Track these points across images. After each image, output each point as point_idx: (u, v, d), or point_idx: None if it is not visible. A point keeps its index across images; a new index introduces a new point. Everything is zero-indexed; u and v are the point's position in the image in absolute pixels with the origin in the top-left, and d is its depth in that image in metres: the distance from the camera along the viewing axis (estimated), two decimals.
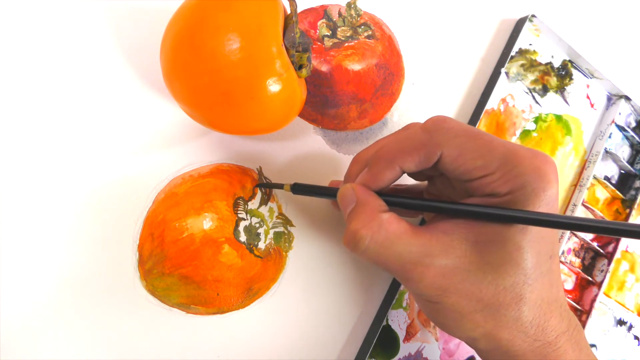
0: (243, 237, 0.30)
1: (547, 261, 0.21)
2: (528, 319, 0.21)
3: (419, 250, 0.21)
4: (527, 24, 0.36)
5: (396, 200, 0.23)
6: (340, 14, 0.33)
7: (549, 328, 0.21)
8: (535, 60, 0.37)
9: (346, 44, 0.33)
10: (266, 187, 0.30)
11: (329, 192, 0.26)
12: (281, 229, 0.31)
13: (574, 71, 0.38)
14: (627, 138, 0.39)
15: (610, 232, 0.19)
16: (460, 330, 0.22)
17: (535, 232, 0.21)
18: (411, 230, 0.22)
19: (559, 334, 0.22)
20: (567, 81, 0.38)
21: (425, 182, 0.28)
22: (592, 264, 0.38)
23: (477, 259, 0.21)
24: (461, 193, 0.24)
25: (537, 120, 0.37)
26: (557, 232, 0.22)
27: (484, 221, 0.21)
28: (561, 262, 0.36)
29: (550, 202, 0.21)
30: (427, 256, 0.21)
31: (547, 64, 0.38)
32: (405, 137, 0.23)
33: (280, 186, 0.29)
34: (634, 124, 0.40)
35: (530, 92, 0.37)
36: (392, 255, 0.21)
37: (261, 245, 0.30)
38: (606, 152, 0.38)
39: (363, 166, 0.25)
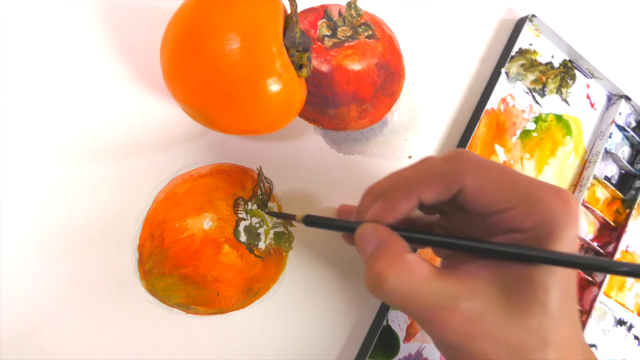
0: (243, 237, 0.30)
1: (569, 300, 0.21)
2: None
3: (444, 294, 0.20)
4: (527, 24, 0.36)
5: (423, 237, 0.22)
6: (340, 14, 0.33)
7: None
8: (536, 60, 0.37)
9: (346, 44, 0.33)
10: (277, 217, 0.30)
11: (343, 226, 0.25)
12: (281, 229, 0.31)
13: (574, 71, 0.38)
14: (627, 138, 0.39)
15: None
16: None
17: (562, 273, 0.20)
18: (436, 273, 0.21)
19: None
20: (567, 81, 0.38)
21: (437, 216, 0.27)
22: None
23: (504, 301, 0.20)
24: (478, 229, 0.23)
25: (537, 120, 0.37)
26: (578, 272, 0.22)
27: (514, 262, 0.20)
28: None
29: (574, 240, 0.20)
30: (453, 299, 0.20)
31: (547, 64, 0.38)
32: (425, 166, 0.23)
33: (292, 217, 0.27)
34: (634, 124, 0.40)
35: (530, 92, 0.37)
36: (417, 298, 0.21)
37: (261, 245, 0.30)
38: (606, 152, 0.38)
39: (375, 199, 0.24)
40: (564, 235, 0.20)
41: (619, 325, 0.38)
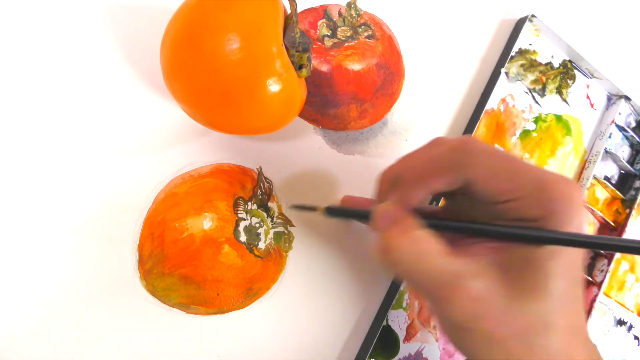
0: (243, 237, 0.30)
1: (574, 287, 0.21)
2: (556, 348, 0.20)
3: (451, 270, 0.21)
4: (527, 24, 0.36)
5: (436, 222, 0.23)
6: (340, 14, 0.33)
7: (576, 358, 0.21)
8: (535, 60, 0.37)
9: (346, 44, 0.33)
10: (299, 210, 0.30)
11: (364, 215, 0.26)
12: (281, 229, 0.31)
13: (574, 71, 0.38)
14: (627, 138, 0.39)
15: None
16: (488, 357, 0.21)
17: (565, 259, 0.20)
18: (444, 250, 0.21)
19: None
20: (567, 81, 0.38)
21: (440, 205, 0.27)
22: (592, 264, 0.38)
23: (508, 284, 0.21)
24: (484, 214, 0.23)
25: (537, 120, 0.37)
26: (583, 259, 0.22)
27: (516, 242, 0.21)
28: None
29: (579, 229, 0.20)
30: (460, 277, 0.21)
31: (547, 64, 0.38)
32: (434, 156, 0.23)
33: (312, 209, 0.29)
34: (634, 124, 0.40)
35: (530, 92, 0.37)
36: (423, 271, 0.21)
37: (261, 245, 0.30)
38: (606, 152, 0.38)
39: (391, 184, 0.25)
40: (568, 226, 0.20)
41: (619, 325, 0.38)
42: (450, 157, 0.22)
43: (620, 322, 0.38)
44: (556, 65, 0.38)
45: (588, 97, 0.39)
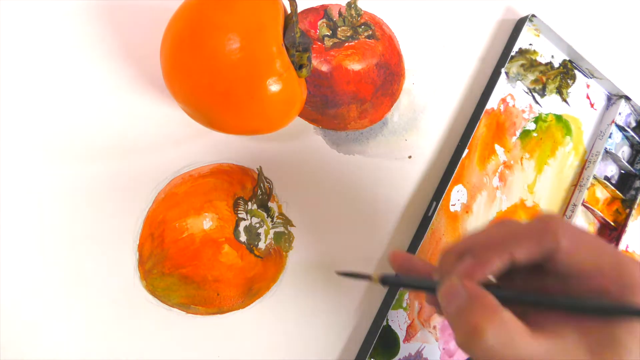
0: (243, 237, 0.30)
1: None
2: None
3: (539, 353, 0.20)
4: (527, 24, 0.36)
5: (512, 296, 0.22)
6: (340, 14, 0.33)
7: None
8: (536, 60, 0.37)
9: (346, 44, 0.33)
10: (351, 277, 0.26)
11: (424, 286, 0.24)
12: (281, 229, 0.31)
13: (574, 71, 0.38)
14: (627, 138, 0.39)
15: None
16: None
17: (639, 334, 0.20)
18: (529, 331, 0.20)
19: None
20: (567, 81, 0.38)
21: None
22: None
23: None
24: (554, 288, 0.22)
25: (537, 120, 0.37)
26: None
27: (605, 317, 0.21)
28: None
29: None
30: None
31: (547, 64, 0.38)
32: (517, 225, 0.22)
33: (365, 277, 0.24)
34: (634, 124, 0.39)
35: (530, 92, 0.37)
36: (515, 355, 0.20)
37: (261, 245, 0.30)
38: (606, 152, 0.38)
39: (456, 258, 0.23)
40: None
41: None
42: (535, 225, 0.22)
43: None
44: (556, 65, 0.38)
45: (588, 97, 0.39)
